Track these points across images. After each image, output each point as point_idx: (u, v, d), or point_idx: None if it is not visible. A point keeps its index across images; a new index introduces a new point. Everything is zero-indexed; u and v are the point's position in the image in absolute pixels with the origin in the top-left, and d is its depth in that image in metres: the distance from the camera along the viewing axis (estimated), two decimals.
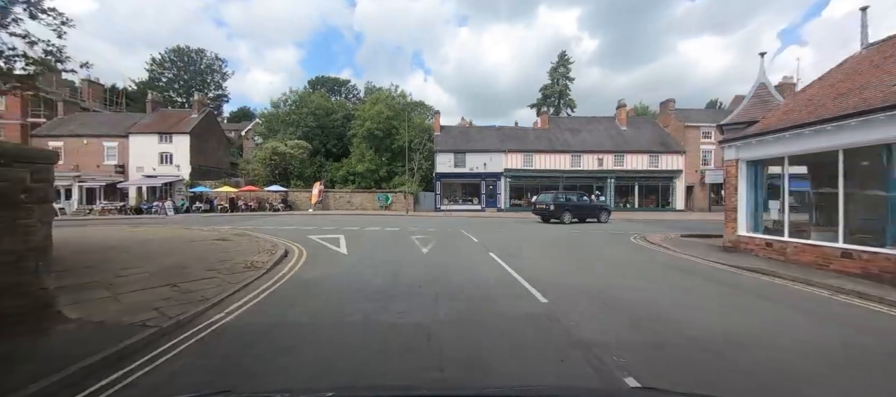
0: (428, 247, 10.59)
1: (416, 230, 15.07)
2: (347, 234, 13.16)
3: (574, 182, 31.40)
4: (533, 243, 11.64)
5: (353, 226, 16.23)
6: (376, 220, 20.89)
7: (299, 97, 37.72)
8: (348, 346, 3.70)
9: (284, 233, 13.53)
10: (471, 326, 4.33)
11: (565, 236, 13.74)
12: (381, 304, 5.06)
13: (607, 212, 21.00)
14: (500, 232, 14.93)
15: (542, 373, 3.23)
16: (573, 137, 32.80)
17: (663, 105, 34.59)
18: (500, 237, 13.13)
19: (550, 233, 15.04)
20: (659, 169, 31.32)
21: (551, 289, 5.87)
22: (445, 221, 20.93)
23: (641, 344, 3.83)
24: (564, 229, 16.61)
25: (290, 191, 31.17)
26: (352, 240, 11.88)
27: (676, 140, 32.12)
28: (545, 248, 10.69)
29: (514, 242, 11.64)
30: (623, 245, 11.57)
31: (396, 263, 8.15)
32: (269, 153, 31.09)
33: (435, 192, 31.20)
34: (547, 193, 21.55)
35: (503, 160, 31.08)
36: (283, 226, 16.61)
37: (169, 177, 30.19)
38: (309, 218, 23.32)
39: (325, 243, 11.05)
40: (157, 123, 31.50)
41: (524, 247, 10.63)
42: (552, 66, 50.42)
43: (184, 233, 13.03)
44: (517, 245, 11.04)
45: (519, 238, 12.99)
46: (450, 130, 34.53)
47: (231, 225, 17.03)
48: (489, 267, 7.87)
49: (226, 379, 3.07)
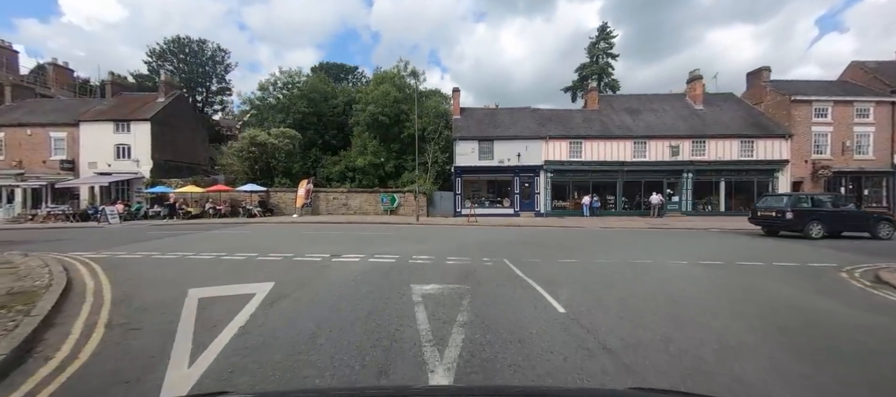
0: (449, 341, 3.63)
1: (425, 260, 8.20)
2: (282, 286, 6.28)
3: (637, 177, 23.85)
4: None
5: (321, 252, 9.54)
6: (370, 235, 14.16)
7: (289, 77, 31.44)
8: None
9: (152, 277, 6.93)
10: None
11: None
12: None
13: (890, 223, 13.27)
14: (625, 276, 7.32)
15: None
16: (633, 120, 25.23)
17: (754, 75, 26.46)
18: (646, 297, 5.69)
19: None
20: (754, 159, 23.40)
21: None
22: (472, 235, 13.98)
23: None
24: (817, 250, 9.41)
25: (274, 192, 24.96)
26: (272, 307, 5.02)
27: (777, 120, 24.08)
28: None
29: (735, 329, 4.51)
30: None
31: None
32: (247, 144, 24.89)
33: (454, 192, 24.33)
34: (774, 196, 17.20)
35: (542, 149, 23.87)
36: (194, 251, 10.09)
37: (126, 174, 24.47)
38: (277, 229, 16.84)
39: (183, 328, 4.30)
40: (115, 109, 25.85)
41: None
42: (591, 42, 42.74)
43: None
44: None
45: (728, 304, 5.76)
46: (472, 113, 27.52)
47: (119, 249, 10.66)
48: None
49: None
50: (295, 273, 6.93)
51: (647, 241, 12.33)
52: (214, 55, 59.70)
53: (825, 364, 3.16)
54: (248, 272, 7.04)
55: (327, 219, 21.25)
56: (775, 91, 24.48)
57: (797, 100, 23.26)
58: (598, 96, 27.51)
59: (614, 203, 24.12)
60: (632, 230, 16.54)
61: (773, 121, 24.07)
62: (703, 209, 23.88)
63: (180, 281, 6.18)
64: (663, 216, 22.82)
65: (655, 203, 22.93)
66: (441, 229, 16.78)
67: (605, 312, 4.61)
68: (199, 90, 54.25)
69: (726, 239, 13.35)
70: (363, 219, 21.27)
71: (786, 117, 23.61)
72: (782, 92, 24.03)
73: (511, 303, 4.95)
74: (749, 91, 26.82)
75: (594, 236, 13.83)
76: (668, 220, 20.81)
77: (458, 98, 26.92)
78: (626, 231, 16.20)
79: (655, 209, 22.90)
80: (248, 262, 8.10)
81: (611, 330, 3.89)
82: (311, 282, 6.17)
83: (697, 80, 26.32)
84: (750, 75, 26.90)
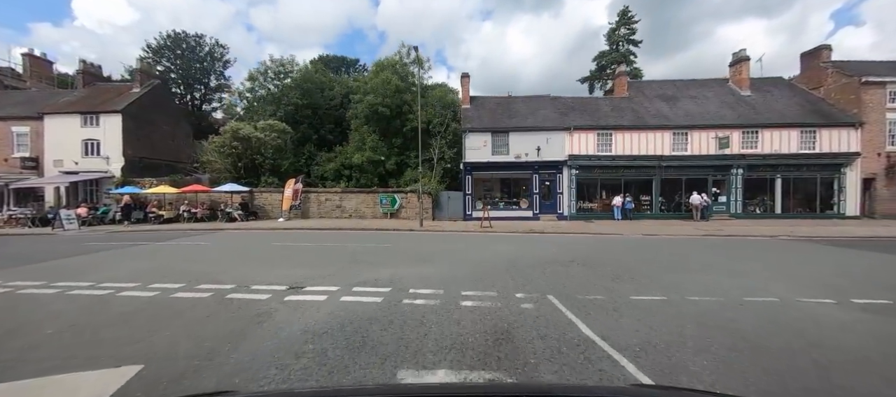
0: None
1: (428, 298, 5.11)
2: (144, 382, 3.26)
3: (677, 173, 20.52)
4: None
5: (280, 279, 6.54)
6: (361, 246, 11.10)
7: (281, 65, 28.52)
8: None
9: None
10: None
11: None
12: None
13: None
14: (764, 331, 4.11)
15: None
16: (670, 108, 21.88)
17: (810, 56, 22.87)
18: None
19: None
20: (816, 151, 19.92)
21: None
22: (490, 248, 10.85)
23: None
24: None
25: (259, 192, 22.05)
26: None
27: (842, 106, 20.55)
28: None
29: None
30: None
31: None
32: (228, 138, 21.99)
33: (463, 192, 21.22)
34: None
35: (566, 142, 20.65)
36: (102, 278, 7.14)
37: (94, 172, 21.77)
38: (249, 239, 13.90)
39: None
40: (84, 101, 23.16)
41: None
42: (610, 28, 39.31)
43: None
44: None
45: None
46: (483, 102, 24.36)
47: (8, 270, 7.76)
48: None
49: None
50: (202, 333, 3.88)
51: (718, 258, 9.05)
52: (213, 51, 56.88)
53: None
54: (127, 334, 3.98)
55: (317, 224, 18.27)
56: (839, 72, 20.92)
57: (868, 82, 19.70)
58: (627, 82, 24.15)
59: (650, 204, 20.80)
60: (684, 239, 13.26)
61: (838, 108, 20.55)
62: (753, 211, 20.47)
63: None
64: (708, 219, 19.47)
65: (697, 204, 19.58)
66: (450, 237, 13.66)
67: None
68: (197, 87, 51.78)
69: (825, 254, 10.02)
70: (358, 224, 18.25)
71: (854, 103, 20.07)
72: (849, 73, 20.48)
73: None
74: (804, 74, 23.25)
75: (645, 250, 10.60)
76: (716, 225, 17.47)
77: (466, 85, 23.80)
78: (676, 240, 12.92)
79: (698, 211, 19.56)
80: (150, 305, 5.07)
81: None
82: (205, 369, 3.10)
83: (743, 61, 22.85)
84: (805, 56, 23.32)
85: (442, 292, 5.57)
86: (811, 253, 10.12)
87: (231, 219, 19.68)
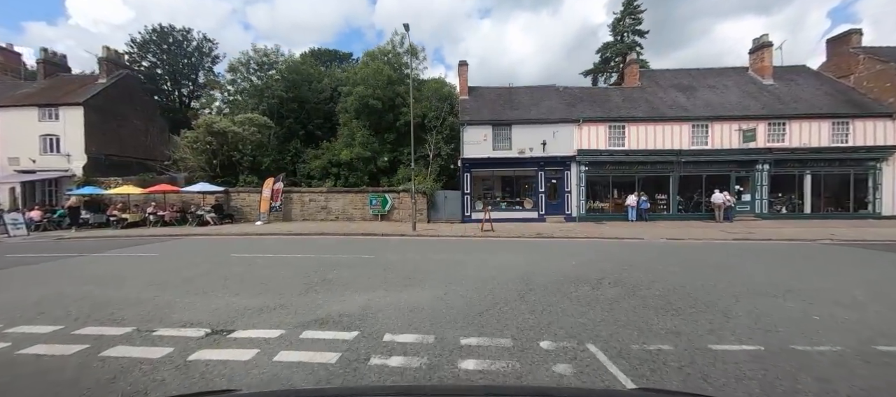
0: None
1: (410, 357, 3.20)
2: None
3: (696, 169, 18.65)
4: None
5: (210, 316, 4.60)
6: (338, 258, 9.14)
7: (264, 56, 26.39)
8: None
9: None
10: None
11: None
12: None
13: None
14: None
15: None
16: (688, 98, 20.00)
17: (837, 42, 21.02)
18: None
19: None
20: (849, 145, 18.10)
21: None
22: (494, 261, 8.92)
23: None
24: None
25: (237, 192, 20.00)
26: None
27: (876, 95, 18.74)
28: None
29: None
30: None
31: None
32: (202, 133, 19.90)
33: (462, 191, 19.27)
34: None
35: (574, 136, 18.74)
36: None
37: (53, 171, 19.66)
38: (210, 247, 11.91)
39: None
40: (43, 93, 21.03)
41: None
42: (615, 18, 37.45)
43: None
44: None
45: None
46: (483, 93, 22.40)
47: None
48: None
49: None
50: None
51: (778, 272, 7.10)
52: (201, 46, 54.33)
53: None
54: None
55: (298, 228, 16.28)
56: (872, 58, 19.10)
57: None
58: (638, 70, 22.25)
59: (667, 203, 18.93)
60: (717, 245, 11.35)
61: (871, 97, 18.75)
62: (779, 210, 18.64)
63: None
64: (732, 220, 17.62)
65: (720, 203, 17.73)
66: (446, 245, 11.71)
67: None
68: (184, 83, 49.47)
69: (889, 263, 8.14)
70: (344, 228, 16.27)
71: (889, 91, 18.26)
72: (884, 59, 18.67)
73: None
74: (830, 62, 21.42)
75: (680, 260, 8.67)
76: (743, 227, 15.60)
77: (464, 74, 21.83)
78: (709, 246, 11.01)
79: (721, 211, 17.72)
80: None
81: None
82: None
83: (766, 47, 20.96)
84: (831, 42, 21.49)
85: (432, 340, 3.65)
86: (876, 262, 8.24)
87: (202, 222, 17.64)
